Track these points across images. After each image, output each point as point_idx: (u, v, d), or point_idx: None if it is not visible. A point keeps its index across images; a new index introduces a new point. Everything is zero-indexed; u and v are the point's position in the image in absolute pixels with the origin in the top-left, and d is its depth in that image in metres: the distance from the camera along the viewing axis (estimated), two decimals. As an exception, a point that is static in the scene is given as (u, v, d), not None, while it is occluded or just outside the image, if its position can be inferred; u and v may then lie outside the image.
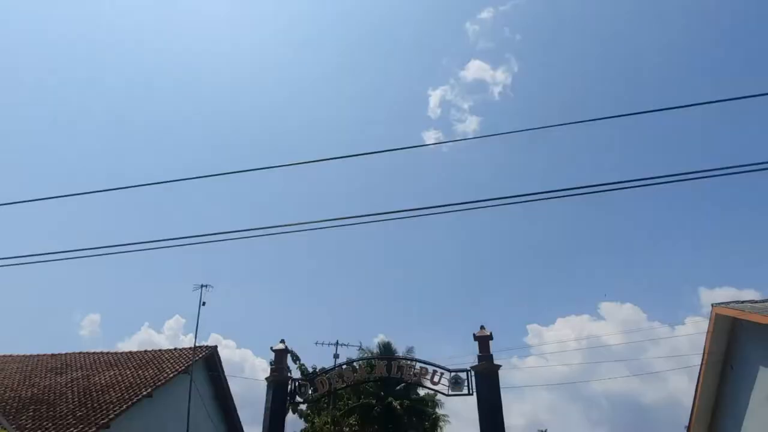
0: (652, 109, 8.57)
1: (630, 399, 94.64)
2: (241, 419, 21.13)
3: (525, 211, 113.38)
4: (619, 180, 7.70)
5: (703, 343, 16.87)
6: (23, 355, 21.55)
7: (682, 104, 8.01)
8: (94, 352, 21.54)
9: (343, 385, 13.87)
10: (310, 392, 13.13)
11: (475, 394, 11.44)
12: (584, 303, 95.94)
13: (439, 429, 38.08)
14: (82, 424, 13.98)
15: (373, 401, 35.03)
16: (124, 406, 14.74)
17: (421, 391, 37.04)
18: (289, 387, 12.88)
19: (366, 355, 22.63)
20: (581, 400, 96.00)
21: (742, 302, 16.74)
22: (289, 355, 13.65)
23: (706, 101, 8.23)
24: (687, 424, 20.33)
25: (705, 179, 7.53)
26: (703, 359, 16.81)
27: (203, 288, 17.51)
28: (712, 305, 16.22)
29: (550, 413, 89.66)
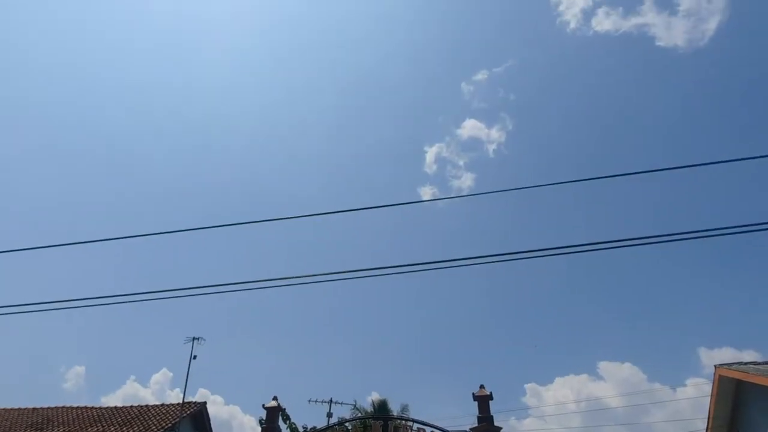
0: (645, 170, 8.65)
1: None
2: (227, 481, 20.13)
3: (523, 267, 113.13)
4: (615, 239, 7.65)
5: (707, 406, 16.37)
6: (3, 409, 20.71)
7: (678, 165, 8.08)
8: (77, 407, 20.72)
9: (336, 447, 13.29)
10: (301, 454, 12.55)
11: (474, 458, 10.94)
12: (583, 362, 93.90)
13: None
14: (60, 485, 13.19)
15: (367, 463, 33.64)
16: (105, 468, 13.99)
17: (417, 453, 35.66)
18: (280, 448, 12.32)
19: (360, 414, 21.82)
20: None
21: (746, 363, 16.38)
22: (279, 414, 13.14)
23: (704, 162, 8.29)
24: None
25: (703, 239, 7.50)
26: (708, 424, 16.25)
27: (195, 340, 17.11)
28: (715, 366, 15.84)
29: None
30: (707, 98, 73.23)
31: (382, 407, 30.31)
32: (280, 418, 16.39)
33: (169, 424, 16.94)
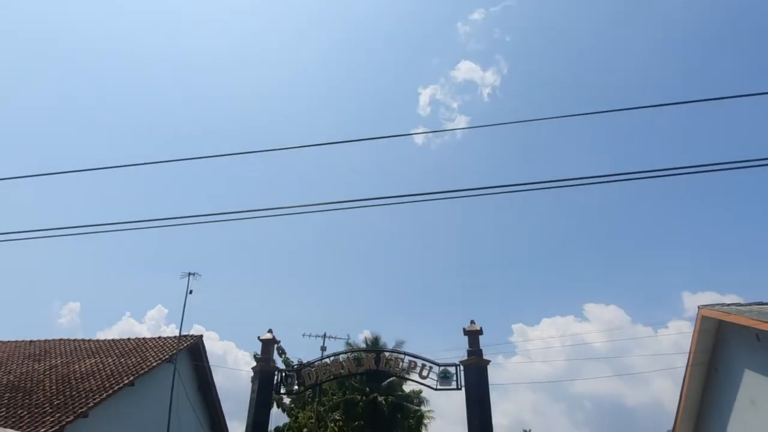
0: (632, 106, 8.46)
1: (614, 401, 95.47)
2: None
3: (512, 211, 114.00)
4: (604, 174, 7.60)
5: (688, 346, 16.95)
6: (0, 341, 21.03)
7: (669, 102, 7.92)
8: (74, 340, 21.07)
9: (330, 378, 13.67)
10: (296, 384, 12.91)
11: (463, 388, 11.31)
12: (570, 304, 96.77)
13: (424, 426, 38.12)
14: (59, 412, 13.53)
15: (358, 397, 34.88)
16: (104, 395, 14.33)
17: (407, 388, 37.00)
18: (275, 378, 12.65)
19: (353, 349, 22.42)
20: (565, 401, 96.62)
21: (728, 305, 16.86)
22: (275, 347, 13.40)
23: (693, 99, 8.15)
24: (671, 428, 20.46)
25: (690, 175, 7.46)
26: (688, 361, 16.88)
27: (191, 276, 17.24)
28: (699, 307, 16.30)
29: (535, 413, 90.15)
30: (702, 38, 71.80)
31: (375, 343, 31.18)
32: (277, 353, 16.79)
33: (167, 356, 17.30)
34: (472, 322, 12.13)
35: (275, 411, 32.15)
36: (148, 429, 15.71)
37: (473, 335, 11.97)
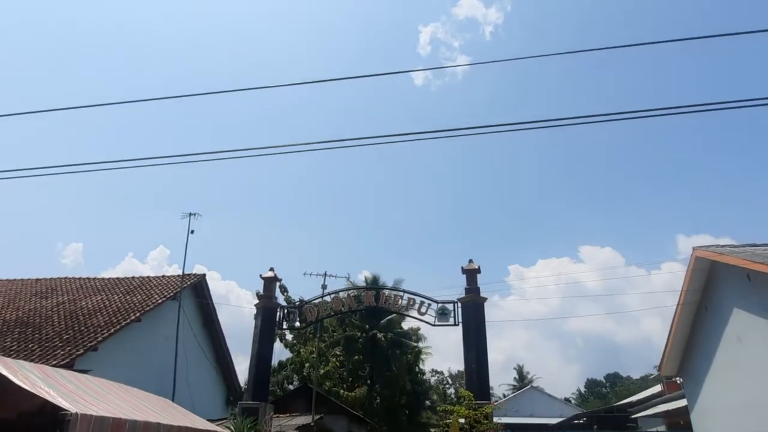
0: (633, 43, 8.26)
1: (604, 339, 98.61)
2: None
3: (511, 151, 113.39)
4: (602, 113, 7.55)
5: (680, 287, 17.36)
6: (6, 280, 21.41)
7: (674, 38, 7.73)
8: (79, 278, 21.47)
9: (330, 314, 14.06)
10: (297, 320, 13.29)
11: (460, 324, 11.66)
12: (565, 246, 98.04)
13: (421, 361, 39.64)
14: (69, 346, 13.96)
15: (358, 333, 36.03)
16: (112, 330, 14.76)
17: (405, 325, 38.21)
18: (278, 315, 13.00)
19: (353, 287, 22.92)
20: (558, 339, 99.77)
21: (722, 246, 17.15)
22: (277, 285, 13.68)
23: (702, 36, 7.95)
24: (657, 363, 21.28)
25: (692, 117, 7.40)
26: (679, 300, 17.34)
27: (191, 216, 17.36)
28: (694, 248, 16.58)
29: (528, 350, 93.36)
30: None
31: (374, 282, 31.84)
32: (279, 290, 17.16)
33: (171, 293, 17.69)
34: (471, 261, 12.35)
35: (278, 346, 33.30)
36: (156, 363, 16.28)
37: (471, 274, 12.21)
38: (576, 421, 31.52)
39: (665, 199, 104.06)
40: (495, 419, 10.72)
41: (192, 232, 17.31)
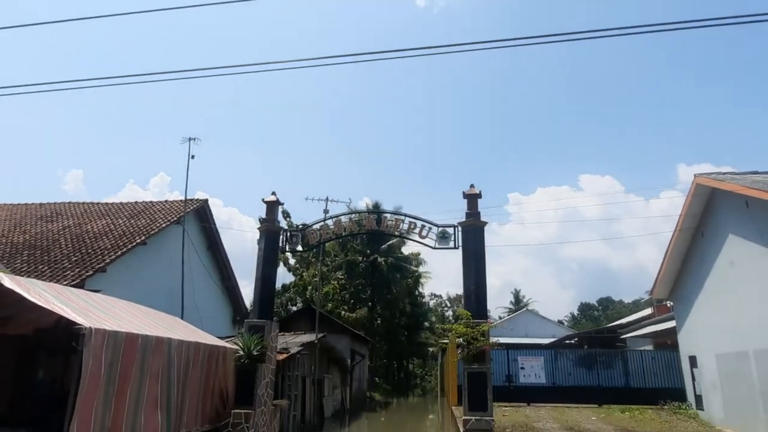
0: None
1: (599, 265, 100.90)
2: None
3: (513, 74, 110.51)
4: (607, 27, 7.27)
5: (677, 216, 17.53)
6: (10, 204, 21.59)
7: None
8: (83, 203, 21.65)
9: (332, 237, 14.28)
10: (300, 243, 13.51)
11: (460, 248, 11.87)
12: (566, 175, 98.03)
13: (420, 285, 40.90)
14: (78, 267, 14.28)
15: (360, 258, 36.94)
16: (119, 252, 15.07)
17: (405, 250, 39.05)
18: (281, 239, 13.20)
19: (355, 211, 23.16)
20: (554, 265, 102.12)
21: (723, 173, 17.15)
22: (279, 209, 13.78)
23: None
24: (650, 289, 21.90)
25: (697, 43, 7.12)
26: (676, 226, 17.56)
27: (191, 141, 17.25)
28: (695, 175, 16.58)
29: (524, 276, 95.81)
30: None
31: (375, 207, 32.17)
32: (280, 215, 17.31)
33: (174, 218, 17.90)
34: (472, 185, 12.36)
35: (281, 271, 34.23)
36: (163, 285, 16.76)
37: (472, 198, 12.27)
38: (568, 341, 32.93)
39: (669, 125, 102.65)
40: (492, 339, 11.17)
41: (192, 156, 17.29)
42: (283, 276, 34.91)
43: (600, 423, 15.99)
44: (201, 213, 19.83)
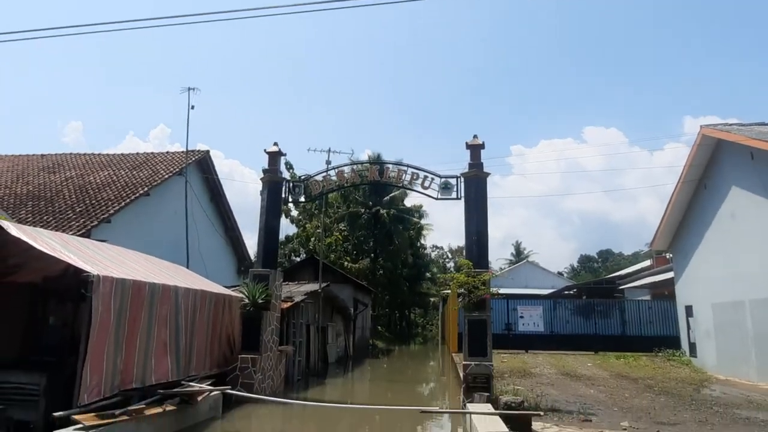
0: None
1: (600, 218, 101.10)
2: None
3: (516, 25, 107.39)
4: None
5: (681, 168, 17.42)
6: (12, 155, 21.51)
7: None
8: (85, 154, 21.56)
9: (335, 188, 14.29)
10: (303, 194, 13.53)
11: (463, 198, 11.88)
12: (569, 127, 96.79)
13: (422, 236, 41.24)
14: (82, 218, 14.37)
15: (362, 210, 37.07)
16: (123, 203, 15.13)
17: (408, 202, 39.16)
18: (283, 189, 13.21)
19: (357, 161, 23.06)
20: (555, 217, 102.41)
21: (730, 124, 16.92)
22: (282, 161, 13.72)
23: None
24: (650, 241, 22.04)
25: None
26: (680, 178, 17.49)
27: (190, 91, 17.00)
28: (701, 126, 16.37)
29: (526, 228, 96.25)
30: None
31: (378, 159, 32.01)
32: (283, 166, 17.26)
33: (177, 169, 17.87)
34: (475, 136, 12.23)
35: (284, 222, 34.46)
36: (168, 236, 16.90)
37: (475, 149, 12.17)
38: (567, 292, 33.48)
39: (676, 75, 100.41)
40: (492, 289, 11.35)
41: (192, 107, 17.09)
42: (286, 227, 35.19)
43: (595, 369, 16.49)
44: (203, 164, 19.77)
